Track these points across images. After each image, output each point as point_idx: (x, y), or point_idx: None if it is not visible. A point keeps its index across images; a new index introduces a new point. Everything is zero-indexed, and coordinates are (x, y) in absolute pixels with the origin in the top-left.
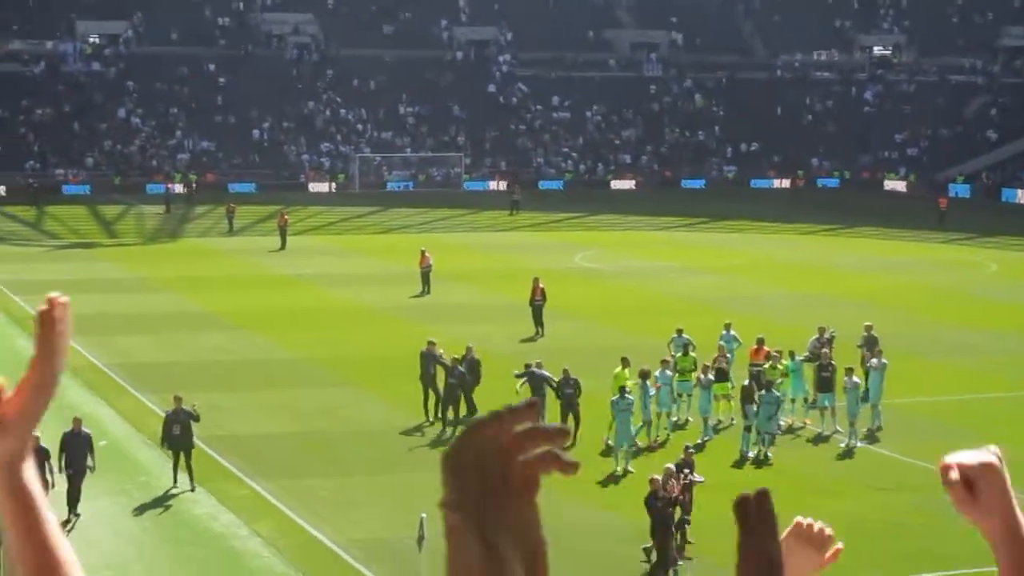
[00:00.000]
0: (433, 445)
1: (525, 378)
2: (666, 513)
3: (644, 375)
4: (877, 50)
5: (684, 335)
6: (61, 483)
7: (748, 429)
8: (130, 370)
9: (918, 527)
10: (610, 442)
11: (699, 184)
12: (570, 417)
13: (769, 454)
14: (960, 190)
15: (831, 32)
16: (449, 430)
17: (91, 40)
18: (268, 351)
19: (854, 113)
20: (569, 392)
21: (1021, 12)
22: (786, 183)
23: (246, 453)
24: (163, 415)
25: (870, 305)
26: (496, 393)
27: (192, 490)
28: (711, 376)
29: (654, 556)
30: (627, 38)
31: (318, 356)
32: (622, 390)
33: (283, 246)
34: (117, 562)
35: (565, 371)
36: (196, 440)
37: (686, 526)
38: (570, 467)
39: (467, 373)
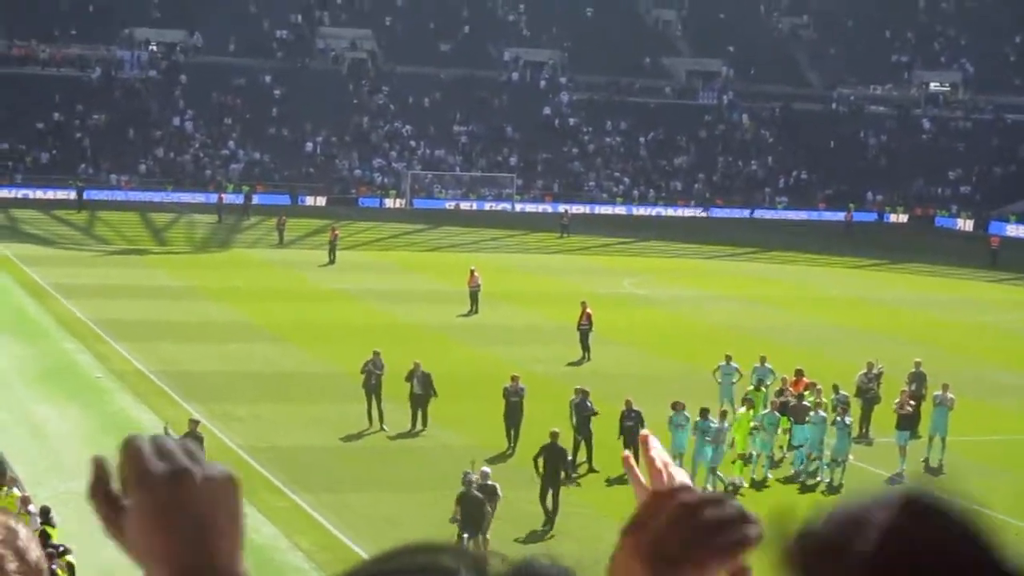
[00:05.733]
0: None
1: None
2: None
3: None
4: (934, 86)
5: (767, 364)
6: None
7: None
8: (175, 377)
9: None
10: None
11: (749, 213)
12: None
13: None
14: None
15: (888, 66)
16: (513, 446)
17: (150, 48)
18: (313, 364)
19: (908, 148)
20: (630, 424)
21: None
22: (837, 216)
23: (288, 465)
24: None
25: (918, 342)
26: (544, 416)
27: None
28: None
29: None
30: (683, 66)
31: None
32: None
33: (332, 260)
34: None
35: (628, 401)
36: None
37: None
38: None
39: (420, 389)
